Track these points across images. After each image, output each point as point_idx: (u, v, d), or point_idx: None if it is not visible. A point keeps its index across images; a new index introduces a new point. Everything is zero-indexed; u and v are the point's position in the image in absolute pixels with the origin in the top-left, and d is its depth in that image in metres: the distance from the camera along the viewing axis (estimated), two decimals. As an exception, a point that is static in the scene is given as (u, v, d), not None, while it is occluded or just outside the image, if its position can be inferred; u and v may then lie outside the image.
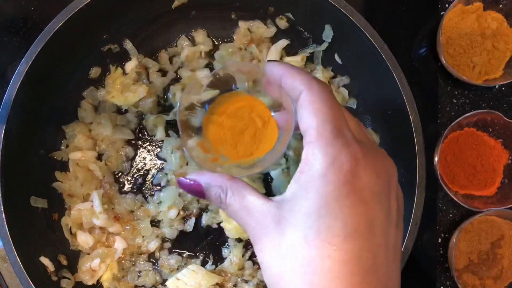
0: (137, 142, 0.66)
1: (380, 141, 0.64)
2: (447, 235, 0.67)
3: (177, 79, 0.67)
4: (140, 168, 0.66)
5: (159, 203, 0.64)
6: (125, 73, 0.66)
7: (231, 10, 0.66)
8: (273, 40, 0.66)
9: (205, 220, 0.64)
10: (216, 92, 0.43)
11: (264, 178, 0.65)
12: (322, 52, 0.65)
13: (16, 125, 0.56)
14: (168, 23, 0.66)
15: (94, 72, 0.65)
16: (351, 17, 0.56)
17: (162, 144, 0.65)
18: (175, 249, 0.65)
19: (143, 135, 0.66)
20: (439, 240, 0.67)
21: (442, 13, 0.68)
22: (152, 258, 0.64)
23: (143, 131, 0.66)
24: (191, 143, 0.42)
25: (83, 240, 0.62)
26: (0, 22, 0.67)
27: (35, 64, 0.55)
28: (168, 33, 0.67)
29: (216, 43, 0.67)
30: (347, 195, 0.32)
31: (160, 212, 0.64)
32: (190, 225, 0.64)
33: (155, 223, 0.65)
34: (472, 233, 0.64)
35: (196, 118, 0.43)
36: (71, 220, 0.62)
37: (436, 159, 0.64)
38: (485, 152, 0.65)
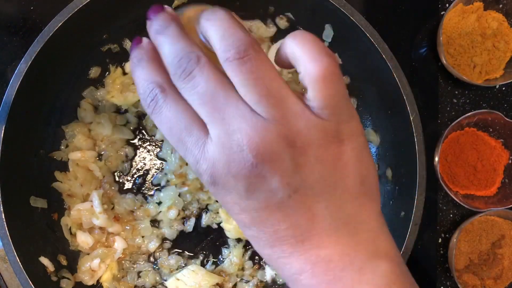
0: (137, 142, 0.66)
1: (380, 141, 0.64)
2: (447, 235, 0.67)
3: (177, 79, 0.67)
4: (140, 168, 0.66)
5: (159, 203, 0.64)
6: (125, 73, 0.66)
7: (230, 9, 0.65)
8: (273, 40, 0.66)
9: (205, 220, 0.64)
10: None
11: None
12: (322, 52, 0.65)
13: (15, 125, 0.56)
14: (168, 23, 0.66)
15: (94, 72, 0.65)
16: (351, 17, 0.56)
17: (162, 144, 0.65)
18: (175, 249, 0.65)
19: (143, 135, 0.66)
20: (439, 240, 0.66)
21: (442, 13, 0.68)
22: (152, 258, 0.64)
23: (143, 131, 0.66)
24: None
25: (83, 240, 0.62)
26: (0, 22, 0.67)
27: (34, 64, 0.55)
28: (168, 33, 0.66)
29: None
30: None
31: (160, 212, 0.64)
32: (190, 225, 0.64)
33: (155, 223, 0.64)
34: (473, 233, 0.64)
35: None
36: (70, 220, 0.62)
37: (436, 159, 0.64)
38: (486, 152, 0.65)
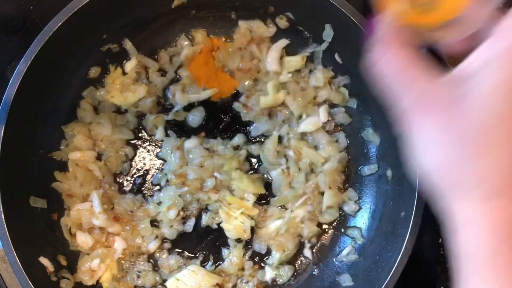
0: (136, 142, 0.66)
1: (380, 141, 0.64)
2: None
3: (177, 79, 0.67)
4: (139, 168, 0.66)
5: (159, 203, 0.64)
6: (124, 73, 0.66)
7: (231, 9, 0.66)
8: (273, 39, 0.66)
9: (205, 220, 0.64)
10: None
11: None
12: (322, 51, 0.65)
13: (15, 125, 0.56)
14: (168, 22, 0.66)
15: (94, 72, 0.65)
16: (351, 17, 0.56)
17: (162, 144, 0.65)
18: (175, 250, 0.64)
19: (142, 135, 0.66)
20: (440, 240, 0.66)
21: (442, 13, 0.68)
22: (152, 259, 0.64)
23: (143, 131, 0.66)
24: None
25: (83, 240, 0.62)
26: (-1, 22, 0.67)
27: (34, 64, 0.55)
28: (168, 33, 0.66)
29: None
30: None
31: (160, 212, 0.64)
32: (190, 225, 0.64)
33: (154, 223, 0.64)
34: (473, 233, 0.64)
35: None
36: (70, 220, 0.62)
37: (436, 159, 0.63)
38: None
